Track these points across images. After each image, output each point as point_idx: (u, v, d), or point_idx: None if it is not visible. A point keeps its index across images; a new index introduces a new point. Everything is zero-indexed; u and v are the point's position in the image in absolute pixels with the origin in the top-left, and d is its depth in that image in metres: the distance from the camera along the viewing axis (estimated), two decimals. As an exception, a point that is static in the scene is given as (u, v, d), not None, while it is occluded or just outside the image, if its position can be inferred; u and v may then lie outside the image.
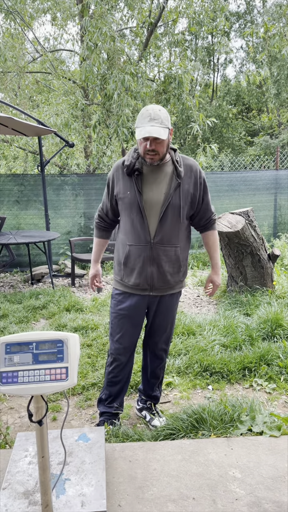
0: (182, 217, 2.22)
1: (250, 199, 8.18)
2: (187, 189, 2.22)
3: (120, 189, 2.23)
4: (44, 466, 1.46)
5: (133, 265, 2.24)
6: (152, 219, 2.18)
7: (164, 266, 2.24)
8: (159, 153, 2.12)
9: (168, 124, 2.11)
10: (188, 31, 10.81)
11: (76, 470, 1.87)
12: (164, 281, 2.28)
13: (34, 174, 7.44)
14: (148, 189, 2.18)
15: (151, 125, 2.03)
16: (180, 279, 2.35)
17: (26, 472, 1.87)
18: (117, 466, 2.06)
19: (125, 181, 2.21)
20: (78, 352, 1.40)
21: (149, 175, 2.19)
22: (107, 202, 2.38)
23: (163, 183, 2.18)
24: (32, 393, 1.34)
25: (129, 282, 2.28)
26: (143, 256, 2.21)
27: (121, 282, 2.34)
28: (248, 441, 2.25)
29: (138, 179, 2.18)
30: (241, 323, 3.93)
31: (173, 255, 2.25)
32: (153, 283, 2.26)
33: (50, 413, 2.81)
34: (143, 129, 2.04)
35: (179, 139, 21.22)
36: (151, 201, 2.17)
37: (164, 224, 2.18)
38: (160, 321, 2.44)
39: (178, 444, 2.22)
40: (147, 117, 2.06)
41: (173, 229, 2.21)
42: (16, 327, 4.16)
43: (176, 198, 2.18)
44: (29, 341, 1.38)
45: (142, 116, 2.08)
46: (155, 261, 2.22)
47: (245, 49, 22.49)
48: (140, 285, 2.27)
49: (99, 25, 5.66)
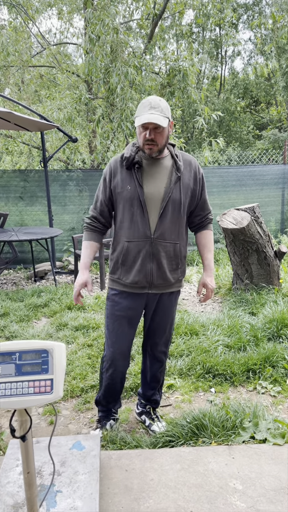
0: (183, 212, 2.17)
1: (257, 194, 8.02)
2: (187, 183, 2.17)
3: (118, 182, 2.14)
4: (30, 482, 1.38)
5: (132, 262, 2.16)
6: (153, 213, 2.11)
7: (163, 262, 2.16)
8: (158, 143, 2.05)
9: (168, 114, 2.05)
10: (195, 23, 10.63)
11: (69, 481, 1.79)
12: (164, 278, 2.19)
13: (38, 170, 7.36)
14: (148, 182, 2.11)
15: (151, 112, 1.98)
16: (179, 278, 2.27)
17: (17, 483, 1.79)
18: (112, 475, 1.98)
19: (124, 174, 2.13)
20: (64, 363, 1.31)
21: (149, 168, 2.13)
22: (104, 198, 2.23)
23: (163, 177, 2.12)
24: (15, 407, 1.26)
25: (127, 280, 2.19)
26: (143, 252, 2.12)
27: (118, 281, 2.24)
28: (250, 449, 2.16)
29: (138, 172, 2.11)
30: (246, 322, 3.82)
31: (172, 251, 2.18)
32: (152, 281, 2.17)
33: (47, 416, 2.74)
34: (142, 117, 1.98)
35: (186, 133, 21.01)
36: (152, 195, 2.10)
37: (165, 219, 2.11)
38: (159, 322, 2.35)
39: (177, 453, 2.14)
40: (147, 106, 2.01)
41: (173, 224, 2.14)
42: (17, 326, 4.10)
43: (176, 192, 2.12)
44: (11, 351, 1.30)
45: (142, 105, 2.04)
46: (154, 257, 2.14)
47: (253, 41, 22.12)
48: (139, 282, 2.17)
49: (102, 17, 5.53)
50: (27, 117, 4.90)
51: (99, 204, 2.26)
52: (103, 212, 2.26)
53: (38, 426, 2.62)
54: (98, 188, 2.27)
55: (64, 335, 3.88)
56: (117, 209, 2.20)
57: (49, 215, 6.23)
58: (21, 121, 5.15)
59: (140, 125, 2.03)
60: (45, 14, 11.74)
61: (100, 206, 2.25)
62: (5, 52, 7.37)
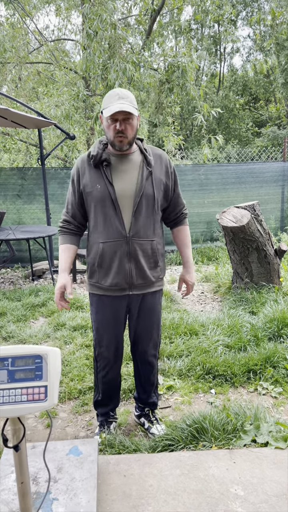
0: (157, 208, 2.11)
1: (257, 191, 7.97)
2: (159, 178, 2.12)
3: (87, 182, 2.06)
4: (24, 492, 1.33)
5: (109, 264, 2.08)
6: (126, 211, 2.04)
7: (142, 261, 2.09)
8: (128, 136, 1.99)
9: (136, 106, 2.00)
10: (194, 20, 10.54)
11: (65, 488, 1.74)
12: (144, 277, 2.13)
13: (36, 168, 7.29)
14: (118, 180, 2.04)
15: (121, 102, 1.93)
16: (159, 276, 2.21)
17: (12, 490, 1.74)
18: (111, 481, 1.92)
19: (92, 173, 2.05)
20: (59, 369, 1.25)
21: (118, 165, 2.06)
22: (74, 201, 2.14)
23: (133, 173, 2.06)
24: (7, 415, 1.20)
25: (106, 283, 2.11)
26: (119, 253, 2.05)
27: (97, 285, 2.16)
28: (252, 453, 2.11)
29: (107, 170, 2.03)
30: (246, 322, 3.76)
31: (149, 249, 2.11)
32: (132, 281, 2.11)
33: (44, 419, 2.68)
34: (112, 106, 1.92)
35: (185, 130, 20.93)
36: (124, 192, 2.03)
37: (139, 216, 2.05)
38: (144, 325, 2.27)
39: (176, 457, 2.08)
40: (115, 96, 1.96)
41: (148, 221, 2.09)
42: (14, 326, 4.04)
43: (149, 188, 2.06)
44: (4, 356, 1.24)
45: (110, 96, 1.98)
46: (132, 257, 2.07)
47: (252, 38, 22.01)
48: (118, 284, 2.10)
49: (100, 12, 5.45)
50: (24, 114, 4.83)
51: (70, 207, 2.17)
52: (75, 215, 2.17)
53: (35, 429, 2.57)
54: (68, 191, 2.18)
55: (62, 335, 3.83)
56: (89, 210, 2.11)
57: (47, 213, 6.16)
58: (18, 118, 5.08)
59: (109, 117, 1.95)
60: (42, 11, 11.64)
61: (72, 209, 2.17)
62: (2, 48, 7.30)
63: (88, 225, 2.18)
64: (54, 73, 9.05)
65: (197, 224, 7.70)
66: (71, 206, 2.16)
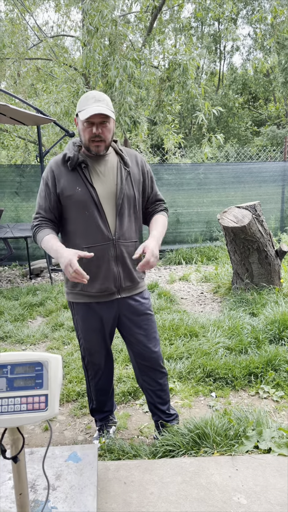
0: (138, 208, 2.09)
1: (256, 191, 7.93)
2: (137, 178, 2.08)
3: (65, 185, 1.95)
4: (23, 503, 1.28)
5: (96, 269, 1.99)
6: (109, 214, 1.98)
7: (128, 263, 2.05)
8: (105, 139, 1.93)
9: (113, 109, 1.94)
10: (194, 17, 10.47)
11: (64, 496, 1.69)
12: (131, 279, 2.08)
13: (34, 165, 7.22)
14: (98, 182, 1.97)
15: (97, 105, 1.86)
16: (142, 276, 2.17)
17: (9, 498, 1.69)
18: (110, 489, 1.88)
19: (69, 177, 1.95)
20: (61, 377, 1.20)
21: (95, 167, 1.99)
22: (48, 205, 1.98)
23: (111, 174, 2.00)
24: (6, 425, 1.15)
25: (93, 289, 2.01)
26: (107, 257, 1.98)
27: (82, 293, 2.05)
28: (254, 460, 2.06)
29: (86, 172, 1.95)
30: (247, 324, 3.72)
31: (133, 251, 2.05)
32: (121, 284, 2.04)
33: (42, 422, 2.63)
34: (89, 109, 1.84)
35: (184, 129, 20.86)
36: (105, 194, 1.97)
37: (123, 218, 2.00)
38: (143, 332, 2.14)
39: (178, 464, 2.04)
40: (92, 99, 1.88)
41: (130, 222, 2.05)
42: (11, 326, 3.99)
43: (129, 188, 2.02)
44: (3, 363, 1.19)
45: (86, 99, 1.90)
46: (119, 260, 2.01)
47: (253, 36, 21.94)
48: (107, 289, 2.02)
49: (100, 8, 5.38)
50: (23, 110, 4.76)
51: (42, 211, 2.00)
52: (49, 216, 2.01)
53: (33, 433, 2.52)
54: (39, 195, 2.02)
55: (60, 336, 3.77)
56: (68, 215, 1.99)
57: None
58: (16, 115, 5.01)
59: (85, 120, 1.87)
60: (42, 7, 11.55)
61: (45, 213, 1.99)
62: (1, 44, 7.21)
63: (64, 230, 2.05)
64: (53, 69, 8.97)
65: (196, 223, 7.65)
66: (44, 210, 1.99)
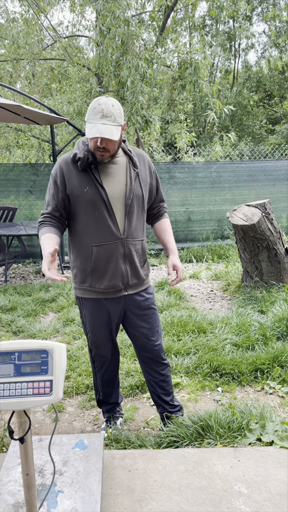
0: (145, 208, 2.16)
1: (269, 189, 7.91)
2: (145, 178, 2.15)
3: (75, 185, 1.98)
4: (29, 484, 1.36)
5: (105, 267, 2.05)
6: (118, 213, 2.04)
7: (136, 261, 2.12)
8: (110, 150, 1.95)
9: (121, 120, 1.93)
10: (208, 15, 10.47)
11: (71, 481, 1.77)
12: (138, 276, 2.16)
13: (48, 164, 7.34)
14: (108, 182, 2.02)
15: (103, 123, 1.85)
16: (147, 273, 2.25)
17: (18, 482, 1.77)
18: (115, 476, 1.95)
19: (80, 176, 1.99)
20: (65, 364, 1.28)
21: (105, 167, 2.03)
22: (56, 203, 2.02)
23: (121, 175, 2.05)
24: (13, 408, 1.23)
25: (101, 286, 2.08)
26: (115, 255, 2.05)
27: (90, 289, 2.12)
28: (256, 452, 2.11)
29: (96, 172, 1.99)
30: (255, 321, 3.75)
31: (140, 249, 2.15)
32: (128, 282, 2.12)
33: (52, 413, 2.72)
34: (93, 127, 1.85)
35: (197, 127, 20.82)
36: (115, 194, 2.02)
37: (131, 218, 2.06)
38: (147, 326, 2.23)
39: (181, 454, 2.10)
40: (99, 113, 1.86)
41: (138, 222, 2.11)
42: (24, 321, 4.09)
43: (138, 189, 2.08)
44: (11, 350, 1.26)
45: (94, 111, 1.88)
46: (127, 258, 2.08)
47: (267, 34, 21.78)
48: (115, 286, 2.09)
49: (113, 9, 5.45)
50: (37, 110, 4.86)
51: (50, 208, 2.05)
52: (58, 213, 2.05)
53: (43, 423, 2.61)
54: (48, 192, 2.07)
55: (70, 331, 3.86)
56: (77, 214, 2.04)
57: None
58: (30, 115, 5.12)
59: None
60: (57, 7, 11.67)
61: (53, 212, 2.04)
62: (16, 45, 7.34)
63: (73, 229, 2.10)
64: (67, 69, 9.09)
65: (208, 221, 7.68)
66: (52, 208, 2.04)
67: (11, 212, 6.43)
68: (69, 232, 2.17)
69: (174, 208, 7.44)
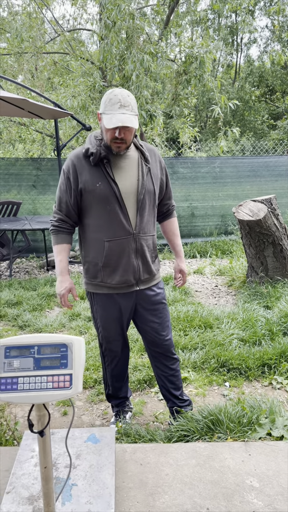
0: (156, 203, 2.18)
1: (272, 185, 7.89)
2: (156, 173, 2.15)
3: (88, 180, 1.99)
4: (47, 477, 1.36)
5: (116, 262, 2.06)
6: (130, 208, 2.03)
7: (147, 256, 2.13)
8: (127, 141, 1.95)
9: (137, 110, 1.96)
10: (211, 9, 10.40)
11: (84, 474, 1.78)
12: (149, 272, 2.17)
13: (51, 158, 7.31)
14: (120, 177, 2.01)
15: (122, 112, 1.86)
16: (158, 268, 2.27)
17: (32, 475, 1.78)
18: (127, 469, 1.96)
19: (92, 171, 1.99)
20: (84, 358, 1.28)
21: (117, 162, 2.03)
22: (68, 199, 2.05)
23: (133, 170, 2.05)
24: (33, 402, 1.23)
25: (113, 281, 2.08)
26: (127, 250, 2.05)
27: (102, 284, 2.12)
28: (267, 446, 2.12)
29: (108, 167, 1.99)
30: (261, 316, 3.76)
31: (151, 244, 2.16)
32: (140, 277, 2.12)
33: (60, 407, 2.73)
34: (113, 117, 1.85)
35: (199, 122, 20.75)
36: (126, 189, 2.02)
37: (143, 213, 2.07)
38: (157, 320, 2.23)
39: (192, 448, 2.11)
40: (117, 103, 1.87)
41: (149, 217, 2.12)
42: (30, 315, 4.10)
43: (149, 184, 2.08)
44: (30, 344, 1.26)
45: (111, 102, 1.88)
46: (139, 253, 2.09)
47: (270, 28, 21.65)
48: (127, 281, 2.09)
49: (118, 2, 5.41)
50: (41, 104, 4.84)
51: (64, 206, 2.09)
52: (69, 213, 2.10)
53: (52, 417, 2.62)
54: (59, 188, 2.09)
55: (77, 325, 3.87)
56: (89, 209, 2.05)
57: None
58: (35, 109, 5.10)
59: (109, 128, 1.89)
60: (58, 0, 11.58)
61: (66, 208, 2.08)
62: (19, 38, 7.28)
63: (84, 224, 2.11)
64: (70, 63, 9.04)
65: (211, 217, 7.67)
66: (65, 204, 2.07)
67: (15, 207, 6.42)
68: (80, 227, 2.16)
69: (177, 203, 7.42)
